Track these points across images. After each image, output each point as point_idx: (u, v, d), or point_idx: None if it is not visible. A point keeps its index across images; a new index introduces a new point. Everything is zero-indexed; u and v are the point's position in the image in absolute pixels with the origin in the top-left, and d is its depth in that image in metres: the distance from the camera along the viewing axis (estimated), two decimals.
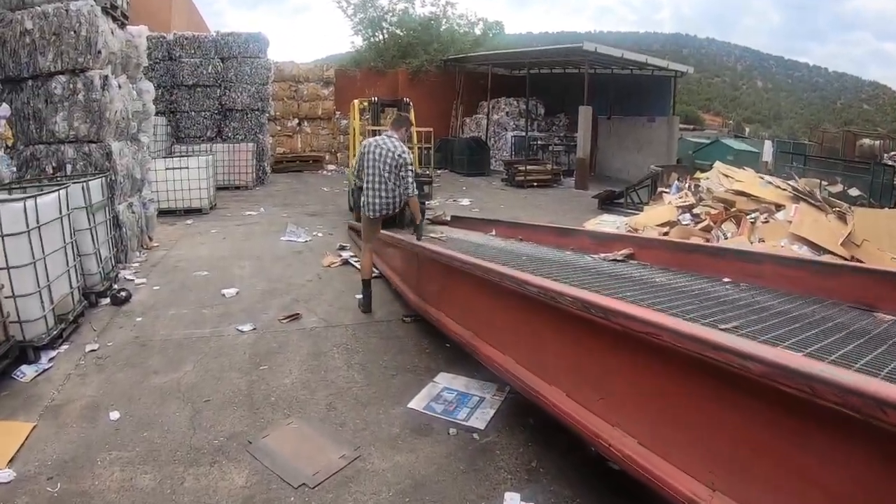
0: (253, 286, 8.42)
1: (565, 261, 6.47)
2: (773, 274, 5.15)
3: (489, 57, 27.63)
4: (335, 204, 16.40)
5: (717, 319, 3.88)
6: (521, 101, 27.64)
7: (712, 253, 5.91)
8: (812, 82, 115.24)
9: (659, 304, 4.15)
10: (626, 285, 4.98)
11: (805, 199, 10.71)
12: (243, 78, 20.33)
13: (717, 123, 64.26)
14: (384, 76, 29.14)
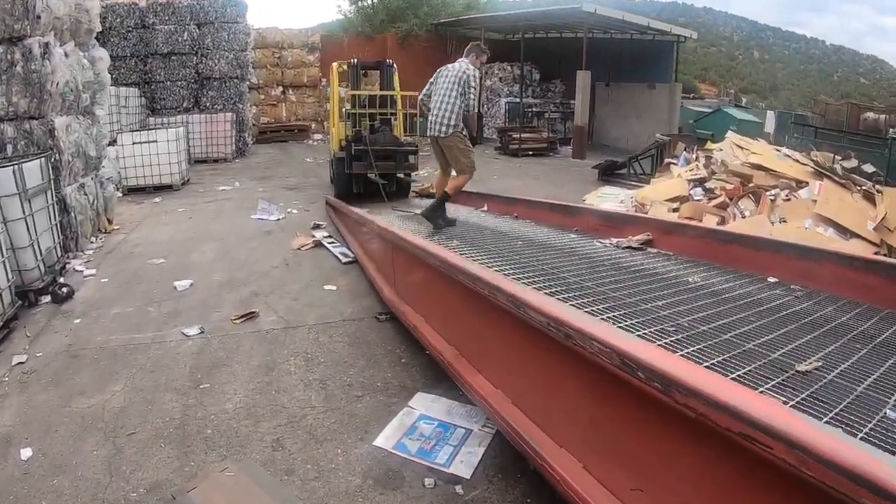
0: (210, 276, 7.37)
1: (571, 248, 5.53)
2: (834, 277, 4.24)
3: (482, 20, 26.26)
4: (317, 176, 15.23)
5: (791, 351, 3.06)
6: (516, 66, 26.50)
7: (755, 245, 4.92)
8: (809, 54, 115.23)
9: (717, 339, 3.20)
10: (657, 291, 4.07)
11: (828, 176, 9.87)
12: (221, 45, 19.10)
13: (713, 93, 63.20)
14: (372, 41, 27.75)
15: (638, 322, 3.31)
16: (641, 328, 3.20)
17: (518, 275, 4.30)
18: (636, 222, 5.99)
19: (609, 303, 3.68)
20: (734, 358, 2.88)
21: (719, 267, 4.81)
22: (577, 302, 3.64)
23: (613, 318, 3.35)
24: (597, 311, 3.48)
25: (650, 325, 3.26)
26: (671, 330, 3.21)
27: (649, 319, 3.37)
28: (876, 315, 3.77)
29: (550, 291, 3.86)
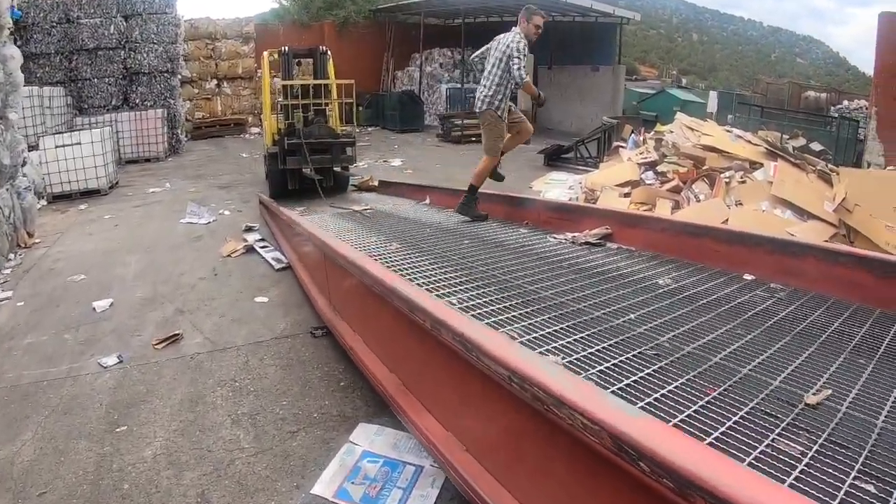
0: (133, 292, 6.68)
1: (524, 247, 5.05)
2: (819, 273, 3.83)
3: (422, 5, 25.61)
4: (252, 172, 14.45)
5: (794, 374, 2.66)
6: (456, 51, 26.30)
7: (728, 238, 4.48)
8: (747, 36, 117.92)
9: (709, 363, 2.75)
10: (626, 299, 3.61)
11: (782, 156, 9.68)
12: (150, 37, 18.14)
13: (654, 75, 63.71)
14: (309, 30, 27.06)
15: (612, 345, 2.85)
16: (617, 353, 2.74)
17: (468, 285, 3.79)
18: (593, 214, 5.54)
19: (573, 319, 3.21)
20: (741, 392, 2.45)
21: (689, 264, 4.39)
22: (540, 320, 3.18)
23: (582, 341, 2.89)
24: (562, 331, 3.02)
25: (626, 349, 2.80)
26: (651, 354, 2.76)
27: (624, 341, 2.91)
28: (869, 317, 3.40)
29: (506, 306, 3.39)
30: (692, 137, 10.72)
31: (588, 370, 2.55)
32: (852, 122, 18.53)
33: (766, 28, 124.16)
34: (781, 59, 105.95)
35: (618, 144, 13.02)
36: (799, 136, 16.30)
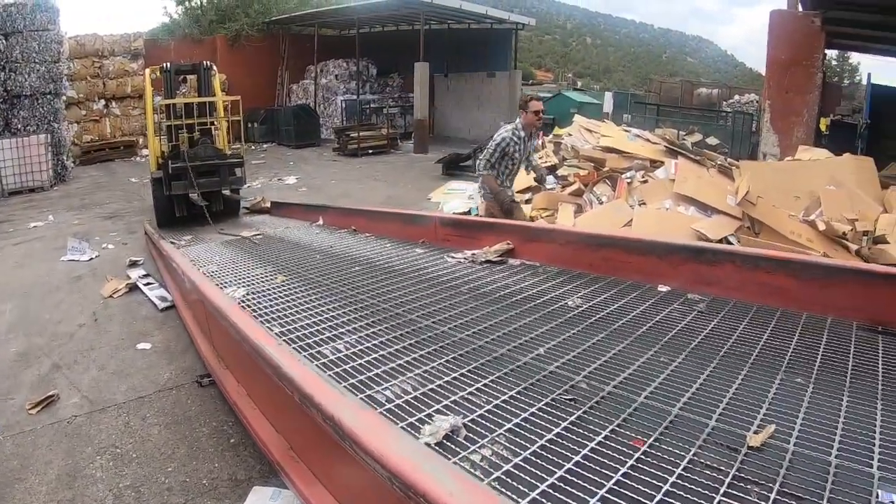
0: (6, 348, 5.85)
1: (419, 271, 4.60)
2: (739, 280, 3.58)
3: (315, 15, 25.43)
4: (141, 198, 13.52)
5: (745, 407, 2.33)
6: (352, 62, 25.71)
7: (639, 248, 4.16)
8: (639, 38, 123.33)
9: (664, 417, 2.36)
10: (536, 327, 3.23)
11: (682, 154, 9.80)
12: (31, 56, 17.02)
13: (549, 78, 64.83)
14: (201, 44, 25.95)
15: (520, 392, 2.47)
16: (527, 403, 2.36)
17: (355, 324, 3.33)
18: (492, 229, 5.15)
19: (475, 360, 2.81)
20: (675, 441, 2.13)
21: (599, 278, 4.06)
22: (437, 364, 2.77)
23: (486, 390, 2.50)
24: (462, 378, 2.62)
25: (537, 396, 2.43)
26: (567, 400, 2.40)
27: (535, 385, 2.54)
28: (796, 324, 3.18)
29: (398, 349, 2.96)
30: (591, 139, 10.78)
31: (495, 430, 2.17)
32: (746, 116, 19.13)
33: (657, 30, 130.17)
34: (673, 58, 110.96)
35: None
36: (695, 132, 16.64)
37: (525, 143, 6.50)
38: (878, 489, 1.84)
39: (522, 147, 6.47)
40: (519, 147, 6.41)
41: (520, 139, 6.40)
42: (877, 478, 1.90)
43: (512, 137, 6.35)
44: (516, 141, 6.36)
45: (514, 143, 6.36)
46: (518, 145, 6.40)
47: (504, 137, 6.35)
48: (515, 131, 6.38)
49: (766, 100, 12.38)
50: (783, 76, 12.06)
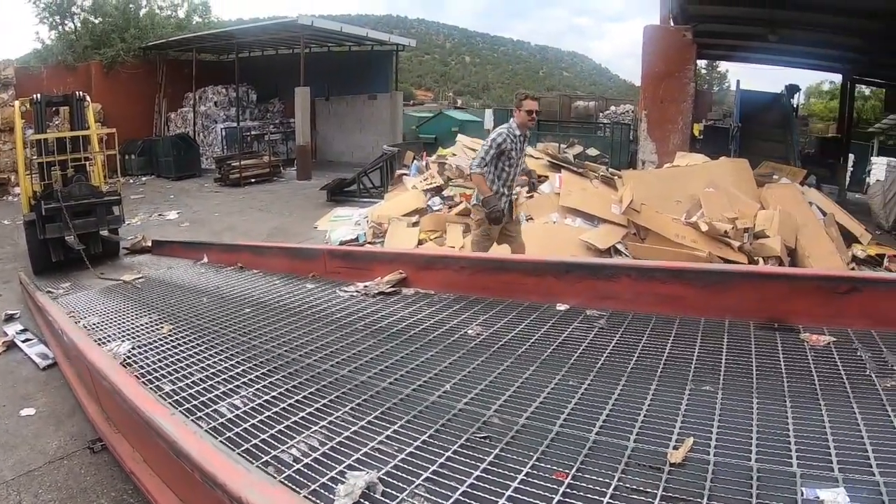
0: None
1: (312, 309, 4.40)
2: (635, 292, 3.63)
3: (193, 40, 24.58)
4: (14, 242, 12.07)
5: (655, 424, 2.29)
6: (231, 88, 24.95)
7: (535, 269, 4.15)
8: (517, 55, 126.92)
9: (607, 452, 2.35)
10: (438, 362, 3.14)
11: (565, 167, 9.95)
12: None
13: (430, 98, 65.51)
14: (75, 72, 24.56)
15: (432, 436, 2.36)
16: (440, 447, 2.27)
17: (250, 376, 3.10)
18: (383, 259, 5.02)
19: (381, 404, 2.67)
20: (596, 468, 2.09)
21: (497, 302, 3.99)
22: (341, 414, 2.61)
23: (396, 437, 2.38)
24: (369, 426, 2.49)
25: (450, 438, 2.34)
26: (481, 439, 2.32)
27: (447, 426, 2.44)
28: (696, 330, 3.24)
29: (299, 401, 2.78)
30: None
31: (413, 480, 2.05)
32: (623, 126, 19.78)
33: (534, 47, 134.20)
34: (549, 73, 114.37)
35: (401, 172, 12.84)
36: (575, 145, 17.10)
37: (521, 144, 6.22)
38: (802, 487, 1.87)
39: (519, 147, 6.17)
40: (516, 146, 6.11)
41: (515, 138, 6.09)
42: (799, 476, 1.93)
43: (508, 135, 6.05)
44: (513, 139, 6.06)
45: (511, 140, 6.05)
46: (515, 144, 6.09)
47: (500, 133, 6.10)
48: (510, 128, 6.09)
49: (642, 110, 12.85)
50: (658, 87, 12.57)
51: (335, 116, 25.30)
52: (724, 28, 19.38)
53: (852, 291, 3.24)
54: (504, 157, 6.06)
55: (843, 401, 2.44)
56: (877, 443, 2.10)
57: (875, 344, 2.98)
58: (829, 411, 2.34)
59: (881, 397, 2.45)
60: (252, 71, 25.49)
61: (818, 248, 7.80)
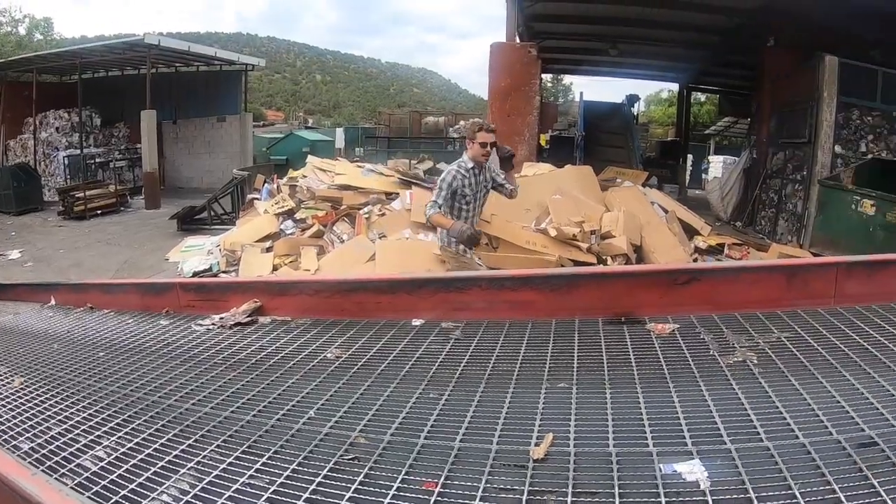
0: None
1: (168, 346, 4.20)
2: (487, 302, 3.72)
3: (33, 60, 23.26)
4: None
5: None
6: (74, 112, 23.60)
7: (389, 288, 4.14)
8: (367, 72, 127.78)
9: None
10: (300, 388, 3.08)
11: (415, 183, 10.21)
12: None
13: (280, 118, 64.77)
14: None
15: (301, 464, 2.30)
16: (311, 472, 2.22)
17: (113, 422, 2.87)
18: (237, 289, 4.88)
19: (247, 436, 2.57)
20: (465, 471, 2.14)
21: (353, 323, 3.97)
22: (208, 454, 2.47)
23: (266, 470, 2.31)
24: (236, 463, 2.39)
25: (319, 462, 2.30)
26: (349, 460, 2.29)
27: (314, 452, 2.38)
28: (548, 331, 3.38)
29: (164, 444, 2.59)
30: (326, 179, 10.88)
31: None
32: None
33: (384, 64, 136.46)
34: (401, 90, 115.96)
35: (252, 197, 12.84)
36: (426, 160, 17.36)
37: (477, 179, 5.89)
38: (660, 464, 2.00)
39: (474, 182, 5.85)
40: (469, 182, 5.80)
41: (468, 172, 5.79)
42: (655, 454, 2.06)
43: (458, 170, 5.79)
44: (464, 175, 5.78)
45: (462, 177, 5.77)
46: (467, 180, 5.79)
47: (450, 171, 5.83)
48: (462, 164, 5.83)
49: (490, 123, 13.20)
50: (505, 101, 13.02)
51: (183, 140, 24.68)
52: (569, 44, 20.47)
53: (691, 281, 3.53)
54: (458, 196, 5.83)
55: (690, 381, 2.63)
56: (725, 414, 2.30)
57: (717, 326, 3.25)
58: (678, 392, 2.51)
59: (725, 373, 2.68)
60: (96, 93, 24.37)
61: (662, 244, 8.29)
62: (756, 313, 3.43)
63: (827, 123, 13.34)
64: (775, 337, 3.10)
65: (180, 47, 20.67)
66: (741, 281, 3.64)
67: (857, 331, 3.14)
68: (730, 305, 3.47)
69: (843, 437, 2.12)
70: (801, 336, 3.11)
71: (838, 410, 2.31)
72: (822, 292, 3.59)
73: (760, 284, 3.61)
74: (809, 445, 2.07)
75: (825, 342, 3.01)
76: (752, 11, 15.13)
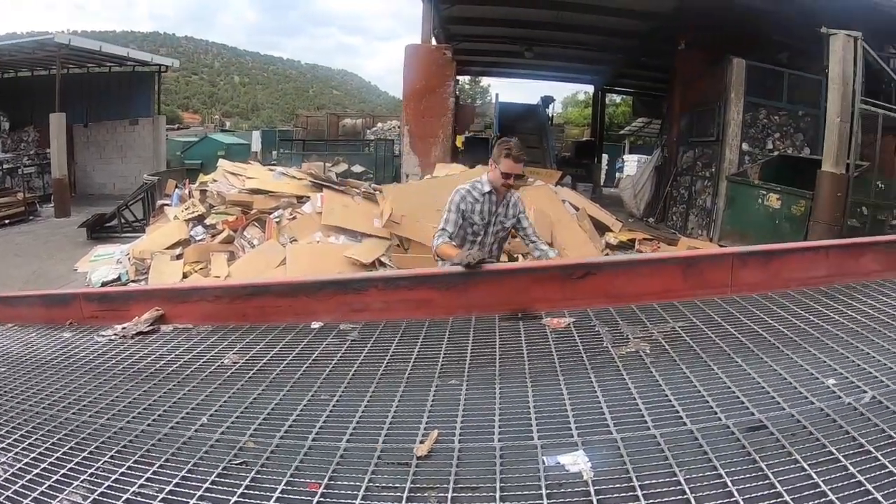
0: None
1: (70, 359, 4.04)
2: (384, 302, 3.73)
3: None
4: None
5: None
6: None
7: (289, 291, 4.08)
8: (287, 74, 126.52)
9: None
10: (194, 397, 2.96)
11: (327, 186, 10.07)
12: None
13: (197, 121, 63.57)
14: None
15: (194, 467, 2.26)
16: (198, 479, 2.17)
17: (10, 439, 2.76)
18: (139, 297, 4.75)
19: (143, 446, 2.45)
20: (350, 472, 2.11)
21: (253, 328, 3.89)
22: (101, 466, 2.35)
23: (161, 476, 2.23)
24: (131, 473, 2.29)
25: (207, 468, 2.25)
26: (238, 464, 2.24)
27: (204, 459, 2.33)
28: (444, 330, 3.38)
29: (63, 455, 2.48)
30: (237, 183, 10.68)
31: None
32: (387, 142, 20.35)
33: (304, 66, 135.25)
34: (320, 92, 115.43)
35: (162, 203, 12.54)
36: (340, 163, 17.35)
37: (492, 208, 4.84)
38: (543, 457, 2.01)
39: (487, 211, 4.81)
40: (481, 209, 4.78)
41: (482, 197, 4.78)
42: (540, 447, 2.06)
43: (471, 191, 4.80)
44: (476, 198, 4.78)
45: (475, 200, 4.78)
46: (479, 205, 4.78)
47: (458, 191, 4.82)
48: (476, 184, 4.84)
49: (405, 125, 13.31)
50: (420, 102, 13.08)
51: (95, 145, 23.91)
52: (485, 46, 20.62)
53: (587, 275, 3.57)
54: (465, 224, 4.83)
55: (581, 373, 2.66)
56: (613, 405, 2.33)
57: (613, 319, 3.31)
58: (567, 385, 2.54)
59: (617, 364, 2.73)
60: (4, 95, 23.51)
61: (573, 240, 8.45)
62: (653, 304, 3.51)
63: (735, 122, 13.90)
64: (670, 327, 3.16)
65: (92, 47, 19.96)
66: (637, 274, 3.72)
67: (752, 318, 3.25)
68: (626, 298, 3.55)
69: (732, 421, 2.16)
70: (695, 325, 3.19)
71: (728, 396, 2.37)
72: (719, 282, 3.71)
73: (657, 276, 3.69)
74: (697, 432, 2.11)
75: (720, 330, 3.10)
76: (665, 16, 15.65)
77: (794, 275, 3.81)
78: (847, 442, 1.98)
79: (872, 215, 10.25)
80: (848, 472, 1.80)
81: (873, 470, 1.81)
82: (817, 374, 2.50)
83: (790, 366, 2.61)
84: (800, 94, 14.14)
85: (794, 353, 2.74)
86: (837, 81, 9.59)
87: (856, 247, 4.11)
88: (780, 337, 2.94)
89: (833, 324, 3.10)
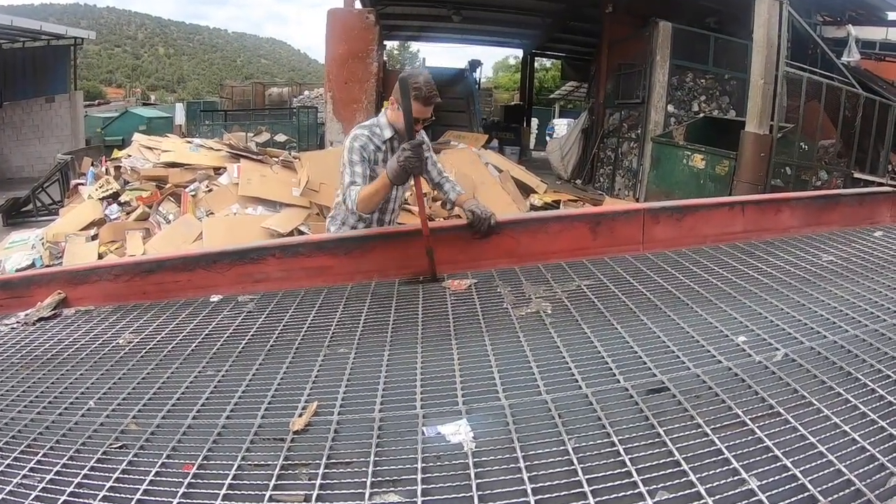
0: None
1: None
2: (283, 271, 3.60)
3: None
4: None
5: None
6: None
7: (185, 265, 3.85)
8: (213, 44, 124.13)
9: None
10: (86, 383, 2.77)
11: (244, 156, 9.81)
12: None
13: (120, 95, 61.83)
14: None
15: (82, 461, 2.09)
16: (77, 465, 2.05)
17: None
18: (39, 282, 4.52)
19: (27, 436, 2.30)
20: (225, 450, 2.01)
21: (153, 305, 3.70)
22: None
23: (45, 465, 2.10)
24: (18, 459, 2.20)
25: (88, 452, 2.11)
26: (118, 448, 2.12)
27: (88, 445, 2.18)
28: (342, 296, 3.28)
29: None
30: (152, 157, 10.29)
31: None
32: (311, 110, 20.15)
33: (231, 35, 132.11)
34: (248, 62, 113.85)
35: (77, 182, 11.99)
36: (262, 132, 17.14)
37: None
38: (423, 427, 1.93)
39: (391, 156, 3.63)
40: (385, 158, 3.80)
41: (384, 144, 3.83)
42: (421, 417, 1.98)
43: (371, 138, 3.81)
44: (378, 146, 3.82)
45: (376, 149, 3.81)
46: (381, 154, 3.83)
47: (356, 135, 3.80)
48: (375, 127, 3.86)
49: (328, 91, 13.09)
50: (342, 68, 12.87)
51: (10, 126, 22.82)
52: (412, 10, 20.35)
53: (490, 235, 3.52)
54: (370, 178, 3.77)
55: (476, 337, 2.57)
56: (505, 369, 2.24)
57: (517, 279, 3.23)
58: (459, 349, 2.45)
59: (515, 326, 2.63)
60: None
61: (496, 203, 8.36)
62: (561, 263, 3.44)
63: (660, 84, 13.98)
64: (575, 285, 3.08)
65: (3, 21, 19.08)
66: (545, 232, 3.64)
67: (662, 275, 3.18)
68: (533, 257, 3.49)
69: (632, 384, 2.08)
70: (602, 283, 3.11)
71: (630, 357, 2.29)
72: (630, 238, 3.66)
73: (565, 234, 3.63)
74: (592, 396, 2.03)
75: (627, 287, 3.02)
76: None
77: (710, 230, 3.79)
78: (755, 403, 1.91)
79: (796, 175, 10.38)
80: (755, 437, 1.73)
81: (782, 434, 1.74)
82: (727, 332, 2.43)
83: (699, 323, 2.54)
84: (727, 57, 14.25)
85: (705, 311, 2.67)
86: (762, 44, 9.66)
87: (772, 202, 4.12)
88: (690, 294, 2.88)
89: (748, 280, 3.05)
